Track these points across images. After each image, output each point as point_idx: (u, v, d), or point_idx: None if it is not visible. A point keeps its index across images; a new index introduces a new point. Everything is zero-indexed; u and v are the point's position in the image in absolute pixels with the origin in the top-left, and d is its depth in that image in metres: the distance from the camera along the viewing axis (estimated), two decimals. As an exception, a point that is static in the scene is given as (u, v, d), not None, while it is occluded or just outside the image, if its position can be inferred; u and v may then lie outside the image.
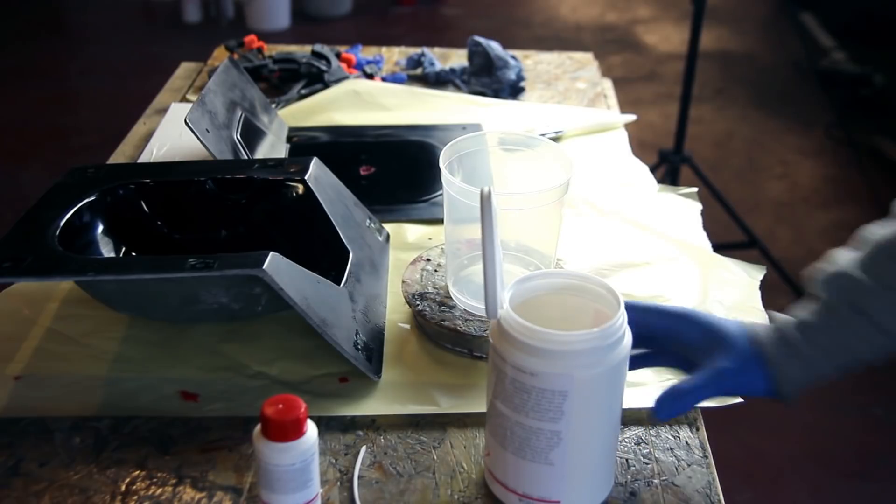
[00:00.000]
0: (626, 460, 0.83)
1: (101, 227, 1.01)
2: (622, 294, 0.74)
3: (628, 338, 0.73)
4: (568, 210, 1.20)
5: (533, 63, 1.76)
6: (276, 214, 1.05)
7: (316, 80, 1.60)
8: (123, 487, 0.80)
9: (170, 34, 4.57)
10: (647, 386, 0.91)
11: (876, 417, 2.24)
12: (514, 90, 1.61)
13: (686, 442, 0.85)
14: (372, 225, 1.12)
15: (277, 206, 1.05)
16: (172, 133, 1.41)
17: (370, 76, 1.66)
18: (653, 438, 0.86)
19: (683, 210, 1.24)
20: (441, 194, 1.02)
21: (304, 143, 1.40)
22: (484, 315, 0.94)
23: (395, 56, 1.79)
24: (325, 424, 0.86)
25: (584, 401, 0.70)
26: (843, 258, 0.79)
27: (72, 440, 0.85)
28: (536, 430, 0.71)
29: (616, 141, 1.44)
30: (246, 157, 1.21)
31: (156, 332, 0.99)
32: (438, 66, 1.67)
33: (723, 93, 4.01)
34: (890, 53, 4.06)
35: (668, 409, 0.78)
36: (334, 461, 0.83)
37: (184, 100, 1.58)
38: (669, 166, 2.92)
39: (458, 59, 1.76)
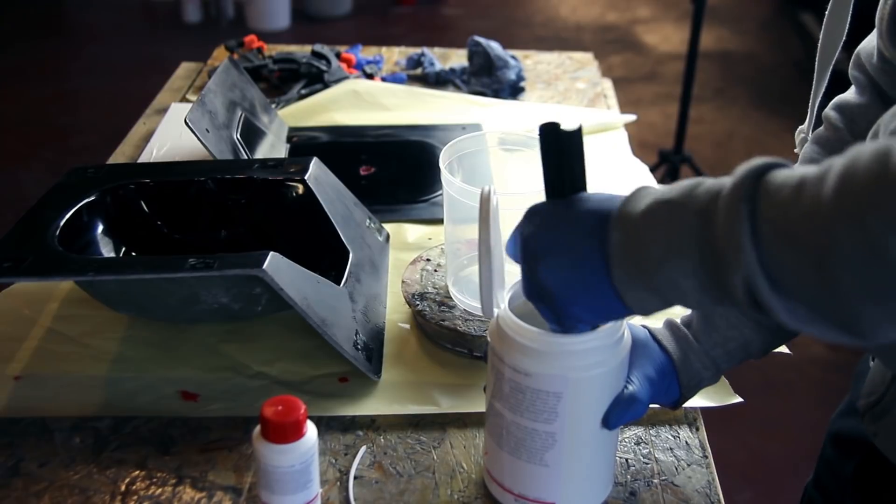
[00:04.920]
0: (626, 460, 0.83)
1: (101, 227, 1.01)
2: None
3: (627, 341, 0.72)
4: (568, 210, 1.19)
5: (533, 63, 1.76)
6: (276, 214, 1.05)
7: (316, 80, 1.60)
8: (123, 487, 0.80)
9: (170, 34, 4.57)
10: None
11: (876, 417, 2.24)
12: (514, 90, 1.61)
13: (686, 442, 0.85)
14: (372, 225, 1.12)
15: (277, 206, 1.05)
16: (172, 133, 1.41)
17: (370, 76, 1.66)
18: (653, 438, 0.86)
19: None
20: (441, 194, 1.02)
21: (304, 143, 1.40)
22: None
23: (395, 56, 1.79)
24: (325, 424, 0.86)
25: (578, 403, 0.70)
26: None
27: (72, 440, 0.85)
28: (531, 430, 0.71)
29: (616, 141, 1.44)
30: (246, 157, 1.21)
31: (156, 332, 0.99)
32: (438, 66, 1.67)
33: (723, 93, 4.01)
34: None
35: (620, 418, 0.72)
36: (334, 461, 0.83)
37: (184, 100, 1.58)
38: (669, 166, 2.92)
39: (458, 59, 1.76)
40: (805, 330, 0.52)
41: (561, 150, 0.64)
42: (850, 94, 0.84)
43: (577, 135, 0.64)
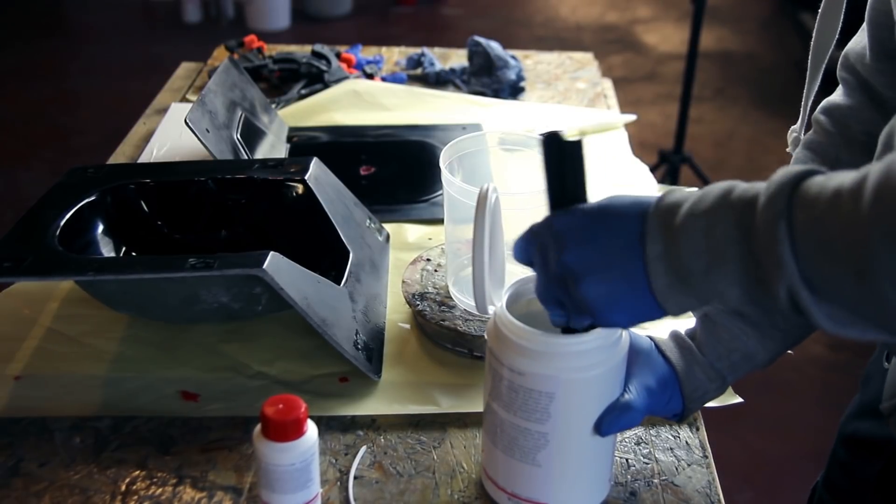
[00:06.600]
0: (626, 460, 0.83)
1: (101, 227, 1.01)
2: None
3: (623, 345, 0.72)
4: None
5: (533, 63, 1.76)
6: (276, 214, 1.05)
7: (316, 80, 1.60)
8: (123, 487, 0.80)
9: (170, 34, 4.57)
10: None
11: (876, 417, 2.24)
12: (514, 90, 1.61)
13: (686, 442, 0.85)
14: (372, 225, 1.12)
15: (277, 206, 1.05)
16: (172, 133, 1.41)
17: (370, 76, 1.66)
18: (653, 438, 0.86)
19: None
20: (441, 194, 1.02)
21: (304, 143, 1.40)
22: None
23: (395, 56, 1.79)
24: (325, 424, 0.86)
25: (571, 404, 0.70)
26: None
27: (72, 440, 0.85)
28: (524, 430, 0.71)
29: (616, 141, 1.44)
30: (246, 157, 1.21)
31: (156, 332, 0.99)
32: (438, 66, 1.67)
33: (723, 93, 4.01)
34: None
35: (612, 426, 0.72)
36: (334, 461, 0.83)
37: (184, 100, 1.58)
38: (669, 166, 2.92)
39: (458, 59, 1.76)
40: (847, 333, 0.54)
41: (563, 160, 0.64)
42: (839, 97, 0.84)
43: (578, 144, 0.64)
